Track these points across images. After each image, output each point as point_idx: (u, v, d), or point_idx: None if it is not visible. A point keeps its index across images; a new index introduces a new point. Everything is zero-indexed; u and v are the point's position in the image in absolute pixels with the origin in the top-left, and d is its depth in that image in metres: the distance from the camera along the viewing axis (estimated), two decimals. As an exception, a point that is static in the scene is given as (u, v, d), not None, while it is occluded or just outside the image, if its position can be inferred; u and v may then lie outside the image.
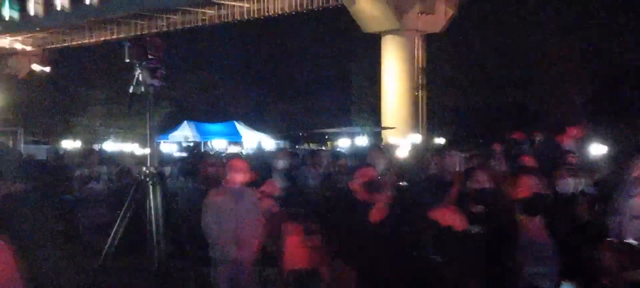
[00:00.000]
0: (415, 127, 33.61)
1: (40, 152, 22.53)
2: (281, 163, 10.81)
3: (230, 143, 36.81)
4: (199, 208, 6.87)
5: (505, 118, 27.81)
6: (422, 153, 13.96)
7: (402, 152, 14.88)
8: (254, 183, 7.41)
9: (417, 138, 28.93)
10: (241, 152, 24.58)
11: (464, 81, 31.92)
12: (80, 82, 43.59)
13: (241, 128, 38.71)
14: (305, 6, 37.38)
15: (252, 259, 6.74)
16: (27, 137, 32.69)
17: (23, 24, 50.31)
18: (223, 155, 16.09)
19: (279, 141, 35.86)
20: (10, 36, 52.38)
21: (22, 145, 27.38)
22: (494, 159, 9.57)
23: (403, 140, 25.18)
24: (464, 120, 32.05)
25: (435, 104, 34.61)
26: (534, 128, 15.38)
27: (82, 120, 41.97)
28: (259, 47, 57.29)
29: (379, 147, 16.23)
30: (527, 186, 5.14)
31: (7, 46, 53.13)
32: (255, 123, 42.51)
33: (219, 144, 36.11)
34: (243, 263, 6.60)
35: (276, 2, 38.57)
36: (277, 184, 8.71)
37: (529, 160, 8.63)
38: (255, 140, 32.29)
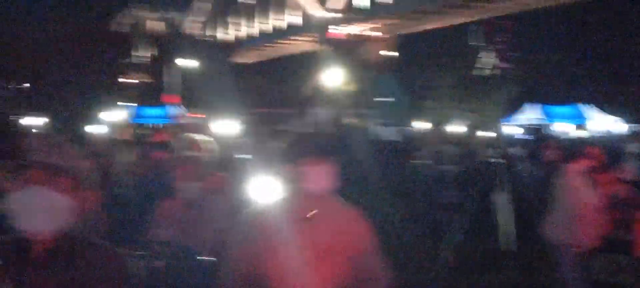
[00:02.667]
0: None
1: (390, 133, 23.93)
2: (634, 148, 10.17)
3: (576, 126, 35.23)
4: (543, 191, 6.80)
5: None
6: None
7: None
8: (601, 168, 7.12)
9: None
10: (586, 136, 23.44)
11: None
12: (429, 66, 45.06)
13: (589, 111, 36.81)
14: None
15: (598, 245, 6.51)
16: (380, 119, 34.84)
17: (373, 11, 53.43)
18: (564, 139, 15.59)
19: (634, 125, 33.33)
20: (361, 23, 55.98)
21: (375, 128, 29.37)
22: None
23: None
24: None
25: None
26: None
27: (429, 102, 43.42)
28: (609, 27, 53.63)
29: None
30: None
31: (359, 33, 56.53)
32: (606, 106, 40.00)
33: (563, 127, 34.80)
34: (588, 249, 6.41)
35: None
36: (630, 169, 8.25)
37: None
38: (604, 123, 30.48)
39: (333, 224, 3.18)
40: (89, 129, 23.61)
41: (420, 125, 35.13)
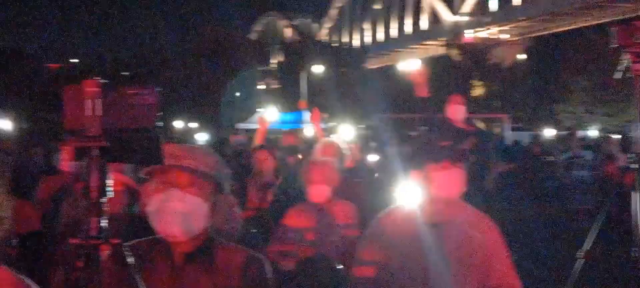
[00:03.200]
0: None
1: (523, 138, 23.28)
2: None
3: None
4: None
5: None
6: None
7: None
8: None
9: None
10: None
11: None
12: (562, 69, 43.52)
13: None
14: None
15: None
16: (513, 124, 33.98)
17: (506, 14, 52.23)
18: None
19: None
20: (495, 26, 54.86)
21: (507, 132, 28.62)
22: None
23: None
24: None
25: None
26: None
27: (565, 107, 41.90)
28: None
29: None
30: None
31: (493, 36, 55.50)
32: None
33: None
34: None
35: None
36: None
37: None
38: None
39: (463, 230, 3.14)
40: (227, 134, 24.46)
41: (554, 129, 33.90)
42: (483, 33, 55.43)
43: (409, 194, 3.31)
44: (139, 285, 1.97)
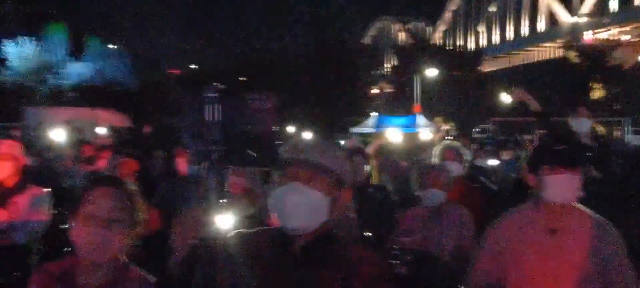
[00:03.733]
0: None
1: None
2: None
3: None
4: None
5: None
6: None
7: None
8: None
9: None
10: None
11: None
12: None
13: None
14: None
15: None
16: (635, 127, 32.49)
17: (627, 15, 50.07)
18: None
19: None
20: (616, 27, 52.71)
21: (629, 136, 27.41)
22: None
23: None
24: None
25: None
26: None
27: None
28: None
29: None
30: None
31: (613, 38, 53.48)
32: None
33: None
34: None
35: None
36: None
37: None
38: None
39: (581, 236, 3.05)
40: (341, 138, 24.69)
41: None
42: (603, 34, 53.55)
43: (522, 199, 3.25)
44: (252, 279, 2.04)
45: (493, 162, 9.31)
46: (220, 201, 3.36)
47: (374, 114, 35.26)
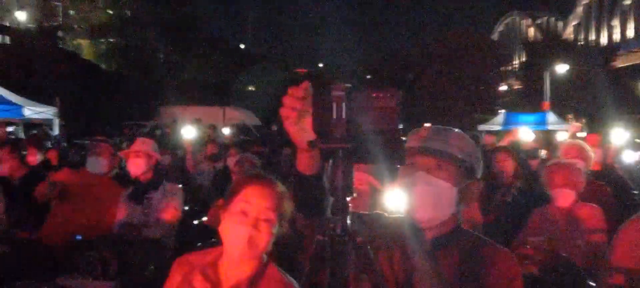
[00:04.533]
0: None
1: None
2: None
3: None
4: None
5: None
6: None
7: None
8: None
9: None
10: None
11: None
12: None
13: None
14: None
15: None
16: None
17: None
18: None
19: None
20: None
21: None
22: None
23: None
24: None
25: None
26: None
27: None
28: None
29: None
30: None
31: None
32: None
33: None
34: None
35: None
36: None
37: None
38: None
39: None
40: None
41: None
42: None
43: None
44: (380, 278, 2.02)
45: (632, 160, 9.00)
46: (347, 198, 3.43)
47: (501, 111, 34.49)
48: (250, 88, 48.66)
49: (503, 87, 52.46)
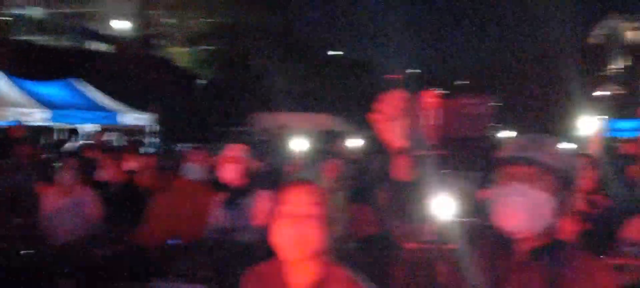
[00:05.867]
0: None
1: None
2: None
3: None
4: None
5: None
6: None
7: None
8: None
9: None
10: None
11: None
12: None
13: None
14: None
15: None
16: None
17: None
18: None
19: None
20: None
21: None
22: None
23: None
24: None
25: None
26: None
27: None
28: None
29: None
30: None
31: None
32: None
33: None
34: None
35: None
36: None
37: None
38: None
39: None
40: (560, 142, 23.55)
41: None
42: None
43: None
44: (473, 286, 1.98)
45: None
46: (438, 205, 3.41)
47: (600, 117, 33.32)
48: (342, 94, 48.77)
49: (602, 92, 50.66)
